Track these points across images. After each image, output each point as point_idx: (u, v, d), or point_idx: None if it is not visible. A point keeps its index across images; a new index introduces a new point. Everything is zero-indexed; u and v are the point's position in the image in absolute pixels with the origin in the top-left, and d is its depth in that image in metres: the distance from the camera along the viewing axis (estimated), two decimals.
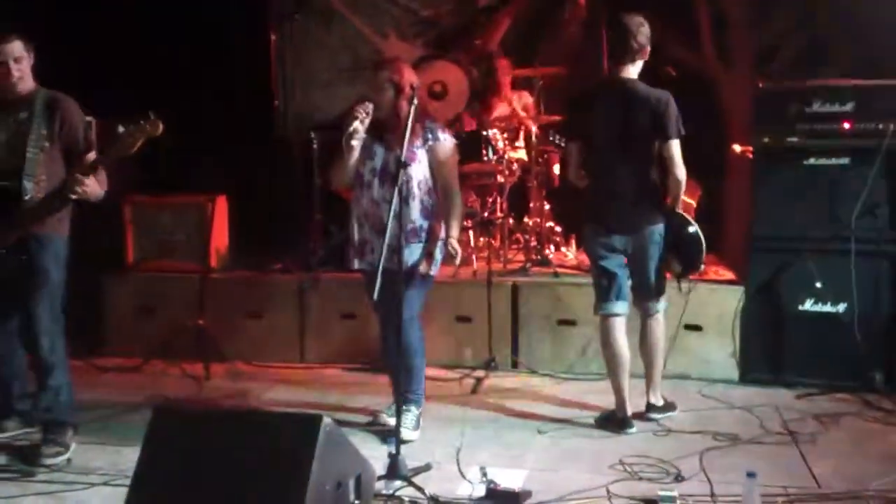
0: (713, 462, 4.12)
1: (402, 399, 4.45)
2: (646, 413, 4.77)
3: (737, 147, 6.18)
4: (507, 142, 6.70)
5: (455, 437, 4.49)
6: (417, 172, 4.47)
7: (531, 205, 6.90)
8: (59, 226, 4.29)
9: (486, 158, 6.49)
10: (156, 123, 4.07)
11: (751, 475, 3.37)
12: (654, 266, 4.64)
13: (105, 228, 6.31)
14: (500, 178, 6.57)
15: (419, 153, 4.50)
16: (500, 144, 6.56)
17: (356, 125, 4.40)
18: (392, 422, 4.23)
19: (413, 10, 8.30)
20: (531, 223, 6.81)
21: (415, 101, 4.24)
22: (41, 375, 4.28)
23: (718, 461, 4.14)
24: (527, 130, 6.96)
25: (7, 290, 4.27)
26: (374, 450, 4.14)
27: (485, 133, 6.54)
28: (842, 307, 5.27)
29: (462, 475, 3.93)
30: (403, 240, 4.18)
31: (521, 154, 7.00)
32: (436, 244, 4.53)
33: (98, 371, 5.90)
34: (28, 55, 4.26)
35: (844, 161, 5.29)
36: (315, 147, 6.53)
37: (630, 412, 4.66)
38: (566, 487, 3.82)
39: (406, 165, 4.15)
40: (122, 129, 4.07)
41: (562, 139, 6.59)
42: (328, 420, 3.21)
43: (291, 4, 8.34)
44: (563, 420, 4.82)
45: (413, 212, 4.45)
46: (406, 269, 4.31)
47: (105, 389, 5.44)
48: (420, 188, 4.49)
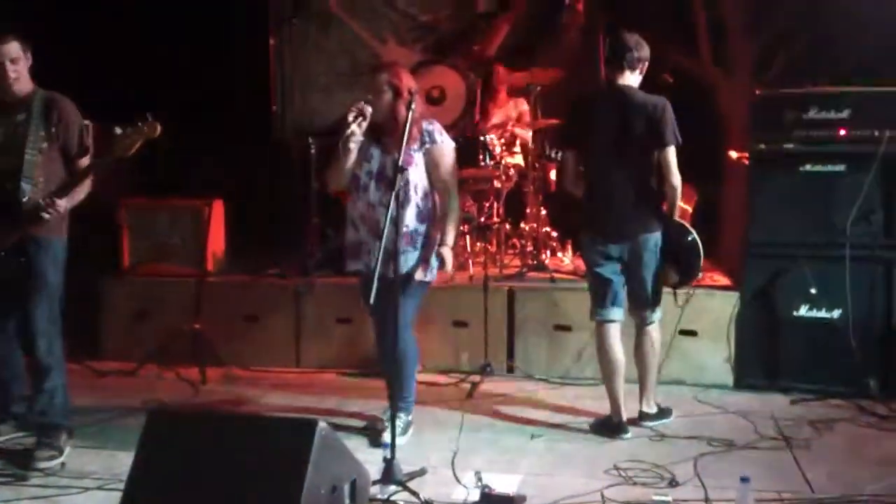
0: (708, 467, 4.13)
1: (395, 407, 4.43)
2: (639, 421, 4.77)
3: (733, 153, 6.21)
4: (504, 147, 6.71)
5: (450, 442, 4.48)
6: (414, 176, 4.44)
7: (528, 210, 6.91)
8: (58, 228, 4.28)
9: (483, 164, 6.50)
10: (153, 125, 4.07)
11: (745, 480, 3.37)
12: (650, 275, 4.64)
13: (101, 232, 6.32)
14: (497, 184, 6.58)
15: (416, 156, 4.47)
16: (497, 150, 6.57)
17: (353, 128, 4.38)
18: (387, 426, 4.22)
19: (412, 16, 8.32)
20: (528, 228, 6.81)
21: (413, 106, 4.21)
22: (36, 378, 4.28)
23: (713, 466, 4.15)
24: (522, 138, 6.98)
25: (5, 293, 4.26)
26: (370, 454, 4.14)
27: (481, 139, 6.55)
28: (836, 313, 5.27)
29: (457, 480, 3.93)
30: (399, 245, 4.18)
31: (518, 159, 7.02)
32: (432, 250, 4.51)
33: (94, 375, 5.89)
34: (25, 56, 4.24)
35: (840, 168, 5.31)
36: (313, 151, 6.53)
37: (625, 417, 4.66)
38: (561, 492, 3.82)
39: (403, 170, 4.14)
40: (120, 131, 4.07)
41: (556, 151, 6.61)
42: (324, 424, 3.20)
43: (290, 8, 8.37)
44: (558, 425, 4.82)
45: (409, 216, 4.42)
46: (401, 276, 4.29)
47: (101, 393, 5.44)
48: (417, 192, 4.46)
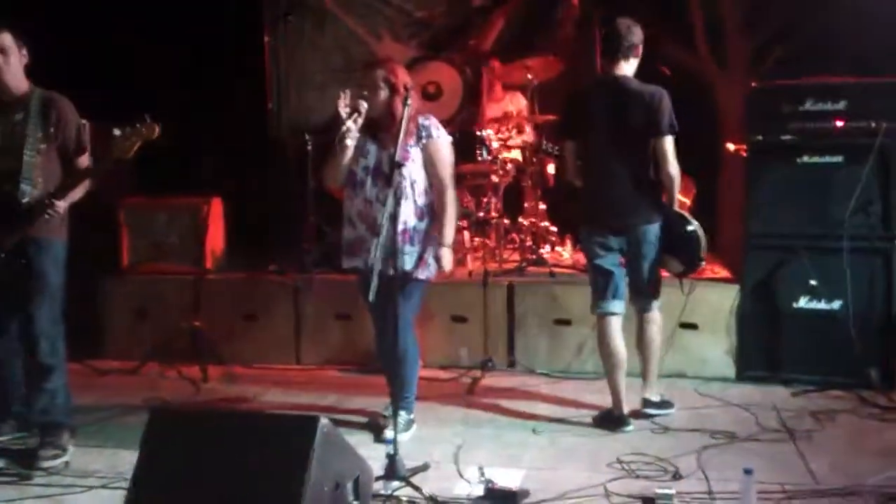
0: (710, 459, 4.13)
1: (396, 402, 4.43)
2: (642, 408, 4.77)
3: (730, 145, 6.21)
4: (502, 142, 6.71)
5: (452, 437, 4.50)
6: (411, 171, 4.41)
7: (526, 204, 6.91)
8: (58, 229, 4.27)
9: (481, 158, 6.49)
10: (152, 127, 4.04)
11: (748, 472, 3.37)
12: (650, 265, 4.64)
13: (100, 231, 6.32)
14: (495, 178, 6.58)
15: (413, 151, 4.43)
16: (495, 144, 6.57)
17: (349, 124, 4.35)
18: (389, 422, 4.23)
19: (407, 11, 8.30)
20: (526, 223, 6.81)
21: (409, 102, 4.20)
22: (39, 378, 4.27)
23: (715, 459, 4.15)
24: (519, 132, 6.97)
25: (7, 294, 4.25)
26: (372, 450, 4.13)
27: (479, 133, 6.54)
28: (837, 304, 5.28)
29: (460, 475, 3.95)
30: (398, 242, 4.16)
31: (516, 154, 7.01)
32: (427, 248, 4.48)
33: (95, 374, 5.89)
34: (19, 51, 4.20)
35: (837, 159, 5.31)
36: (309, 148, 6.52)
37: (627, 410, 4.67)
38: (564, 486, 3.82)
39: (401, 166, 4.12)
40: (118, 133, 4.04)
41: (553, 146, 6.61)
42: (325, 421, 3.20)
43: (285, 5, 8.35)
44: (560, 419, 4.82)
45: (407, 213, 4.38)
46: (400, 274, 4.28)
47: (102, 392, 5.44)
48: (413, 188, 4.44)
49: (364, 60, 5.46)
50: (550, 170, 7.10)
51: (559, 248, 6.92)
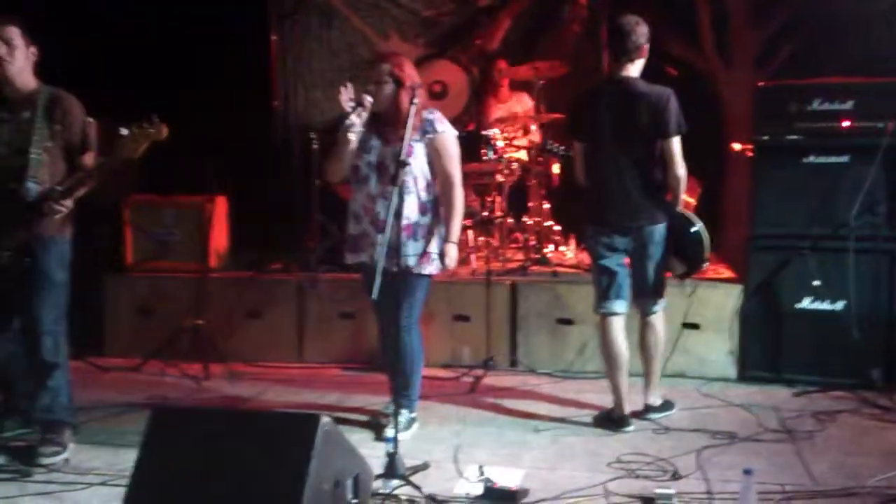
0: (710, 460, 4.13)
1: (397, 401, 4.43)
2: (644, 413, 4.76)
3: (736, 145, 6.19)
4: (507, 141, 6.71)
5: (453, 436, 4.50)
6: (415, 167, 4.36)
7: (530, 204, 6.90)
8: (64, 228, 4.27)
9: (486, 158, 6.49)
10: (160, 127, 4.00)
11: (748, 472, 3.36)
12: (655, 266, 4.62)
13: (104, 229, 6.33)
14: (500, 178, 6.58)
15: (416, 147, 4.38)
16: (500, 144, 6.56)
17: (353, 118, 4.32)
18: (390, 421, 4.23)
19: (414, 10, 8.30)
20: (530, 222, 6.81)
21: (416, 100, 4.15)
22: (41, 376, 4.28)
23: (716, 459, 4.15)
24: (525, 132, 6.97)
25: (11, 292, 4.25)
26: (372, 449, 4.14)
27: (484, 133, 6.54)
28: (840, 305, 5.27)
29: (460, 474, 3.95)
30: (401, 238, 4.15)
31: (521, 154, 7.01)
32: (434, 243, 4.45)
33: (97, 371, 5.91)
34: (26, 48, 4.20)
35: (844, 159, 5.29)
36: (315, 147, 6.53)
37: (628, 411, 4.66)
38: (564, 486, 3.82)
39: (406, 164, 4.08)
40: (126, 133, 4.01)
41: (558, 146, 6.60)
42: (326, 419, 3.20)
43: (292, 4, 8.36)
44: (561, 419, 4.82)
45: (410, 209, 4.35)
46: (404, 270, 4.27)
47: (104, 390, 5.45)
48: (417, 184, 4.39)
49: (370, 59, 5.48)
50: (555, 170, 7.11)
51: (563, 248, 6.91)
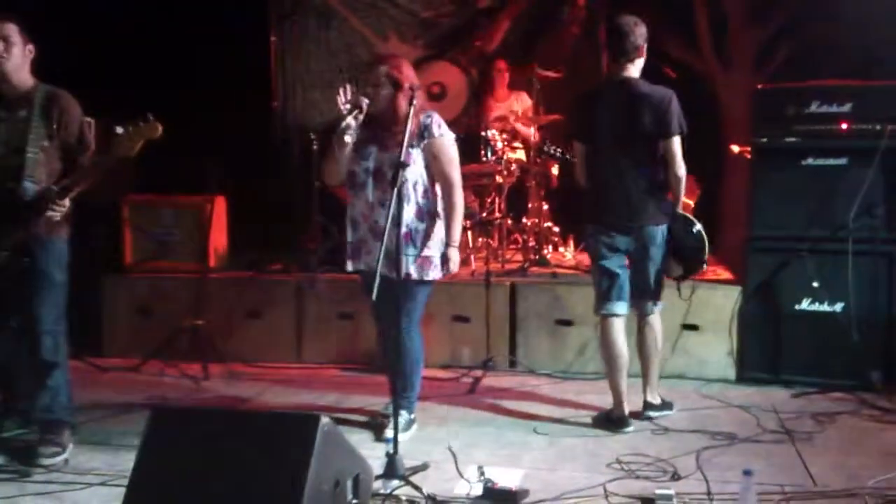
0: (710, 461, 4.13)
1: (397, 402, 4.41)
2: (643, 411, 4.77)
3: (735, 147, 6.21)
4: (506, 142, 6.71)
5: (452, 437, 4.49)
6: (413, 173, 4.34)
7: (529, 205, 6.91)
8: (61, 228, 4.26)
9: (485, 159, 6.50)
10: (154, 125, 4.02)
11: (747, 473, 3.36)
12: (655, 267, 4.63)
13: (103, 229, 6.33)
14: (499, 179, 6.59)
15: (414, 153, 4.35)
16: (499, 145, 6.57)
17: (349, 120, 4.30)
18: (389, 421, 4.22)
19: (413, 12, 8.31)
20: (529, 223, 6.82)
21: (414, 103, 4.11)
22: (41, 375, 4.28)
23: (715, 460, 4.15)
24: (523, 133, 6.98)
25: (9, 292, 4.25)
26: (372, 449, 4.14)
27: (483, 134, 6.55)
28: (839, 306, 5.27)
29: (459, 474, 3.93)
30: (401, 246, 4.12)
31: (520, 154, 7.02)
32: (435, 248, 4.44)
33: (97, 371, 5.90)
34: (22, 44, 4.17)
35: (842, 161, 5.30)
36: (315, 147, 6.54)
37: (627, 411, 4.67)
38: (563, 486, 3.82)
39: (405, 166, 4.04)
40: (121, 131, 4.02)
41: (555, 148, 6.61)
42: (326, 420, 3.20)
43: (290, 5, 8.37)
44: (561, 419, 4.82)
45: (408, 215, 4.32)
46: (405, 277, 4.25)
47: (103, 390, 5.45)
48: (416, 190, 4.37)
49: (369, 60, 5.47)
50: (554, 171, 7.12)
51: (562, 249, 6.92)
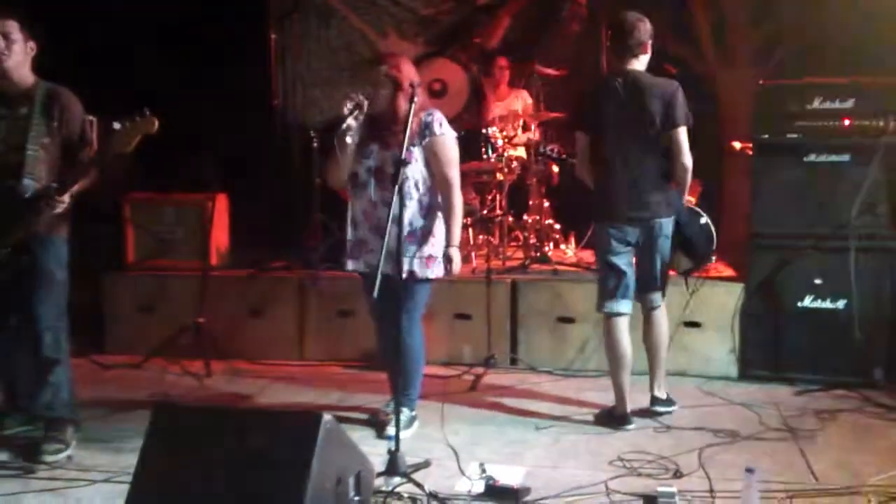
0: (712, 458, 4.13)
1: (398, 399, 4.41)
2: (651, 406, 4.76)
3: (736, 144, 6.20)
4: (507, 140, 6.71)
5: (454, 434, 4.49)
6: (414, 172, 4.34)
7: (530, 202, 6.91)
8: (61, 225, 4.27)
9: (486, 156, 6.50)
10: (151, 120, 4.00)
11: (750, 471, 3.37)
12: (662, 259, 4.62)
13: (105, 227, 6.34)
14: (500, 176, 6.59)
15: (415, 151, 4.34)
16: (500, 142, 6.57)
17: (350, 121, 4.28)
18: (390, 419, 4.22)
19: (413, 9, 8.31)
20: (530, 221, 6.81)
21: (415, 100, 4.10)
22: (43, 373, 4.28)
23: (718, 457, 4.15)
24: (525, 129, 6.97)
25: (10, 289, 4.25)
26: (374, 446, 4.14)
27: (484, 131, 6.54)
28: (841, 304, 5.27)
29: (461, 472, 3.94)
30: (404, 245, 4.11)
31: (521, 152, 7.02)
32: (435, 247, 4.44)
33: (99, 369, 5.91)
34: (24, 41, 4.18)
35: (844, 158, 5.29)
36: (315, 145, 6.54)
37: (629, 409, 4.66)
38: (565, 484, 3.82)
39: (405, 164, 4.03)
40: (118, 126, 4.02)
41: (554, 150, 6.60)
42: (328, 417, 3.20)
43: (291, 3, 8.36)
44: (562, 417, 4.82)
45: (410, 214, 4.32)
46: (408, 276, 4.25)
47: (106, 387, 5.46)
48: (417, 188, 4.37)
49: (369, 58, 5.47)
50: (555, 168, 7.11)
51: (563, 246, 6.92)
